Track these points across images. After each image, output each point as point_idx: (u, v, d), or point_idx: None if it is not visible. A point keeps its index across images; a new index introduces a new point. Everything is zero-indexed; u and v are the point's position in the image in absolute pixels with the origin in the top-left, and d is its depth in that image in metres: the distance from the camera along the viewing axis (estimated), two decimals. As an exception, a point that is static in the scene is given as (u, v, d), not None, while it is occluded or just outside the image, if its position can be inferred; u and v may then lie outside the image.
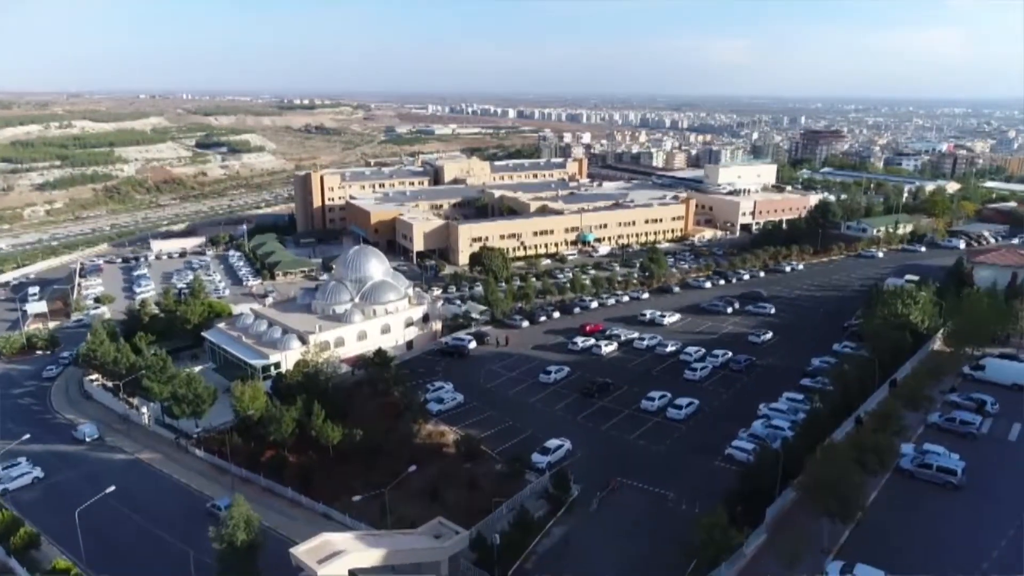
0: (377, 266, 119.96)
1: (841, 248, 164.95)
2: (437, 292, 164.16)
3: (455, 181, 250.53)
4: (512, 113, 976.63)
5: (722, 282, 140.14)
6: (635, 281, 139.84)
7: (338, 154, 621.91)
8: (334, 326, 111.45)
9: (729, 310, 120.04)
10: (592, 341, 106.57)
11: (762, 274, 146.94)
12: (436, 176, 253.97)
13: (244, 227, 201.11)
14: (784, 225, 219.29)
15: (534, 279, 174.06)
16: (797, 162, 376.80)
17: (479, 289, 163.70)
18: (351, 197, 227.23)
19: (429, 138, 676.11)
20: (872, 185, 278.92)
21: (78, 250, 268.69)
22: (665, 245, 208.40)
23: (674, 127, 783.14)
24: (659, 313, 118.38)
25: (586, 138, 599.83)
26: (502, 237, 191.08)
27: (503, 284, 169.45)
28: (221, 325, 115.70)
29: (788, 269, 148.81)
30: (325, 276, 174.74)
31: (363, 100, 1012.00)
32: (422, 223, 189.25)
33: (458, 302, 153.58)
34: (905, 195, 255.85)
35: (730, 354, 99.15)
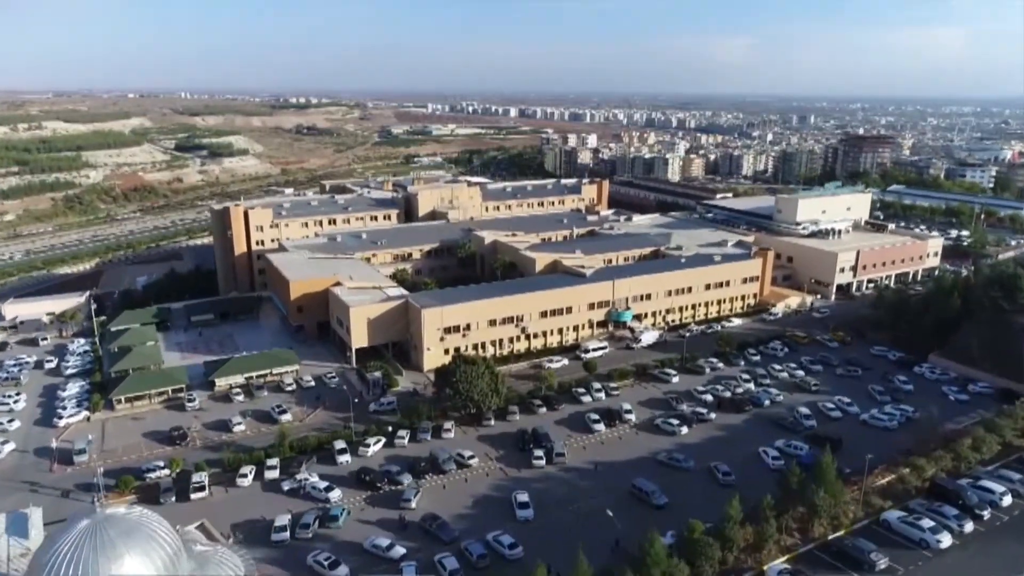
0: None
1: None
2: (375, 447, 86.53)
3: (433, 215, 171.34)
4: (513, 112, 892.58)
5: (969, 526, 58.38)
6: (776, 538, 56.99)
7: (329, 156, 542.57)
8: None
9: None
10: None
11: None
12: (408, 207, 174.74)
13: (92, 305, 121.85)
14: (904, 285, 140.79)
15: (541, 407, 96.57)
16: (851, 176, 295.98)
17: (444, 450, 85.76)
18: (278, 246, 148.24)
19: (426, 139, 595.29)
20: (980, 213, 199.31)
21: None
22: (735, 322, 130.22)
23: (681, 127, 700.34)
24: None
25: (592, 140, 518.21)
26: (492, 323, 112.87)
27: (491, 421, 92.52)
28: None
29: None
30: (195, 404, 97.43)
31: (362, 98, 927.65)
32: (365, 304, 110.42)
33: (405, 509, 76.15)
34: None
35: None
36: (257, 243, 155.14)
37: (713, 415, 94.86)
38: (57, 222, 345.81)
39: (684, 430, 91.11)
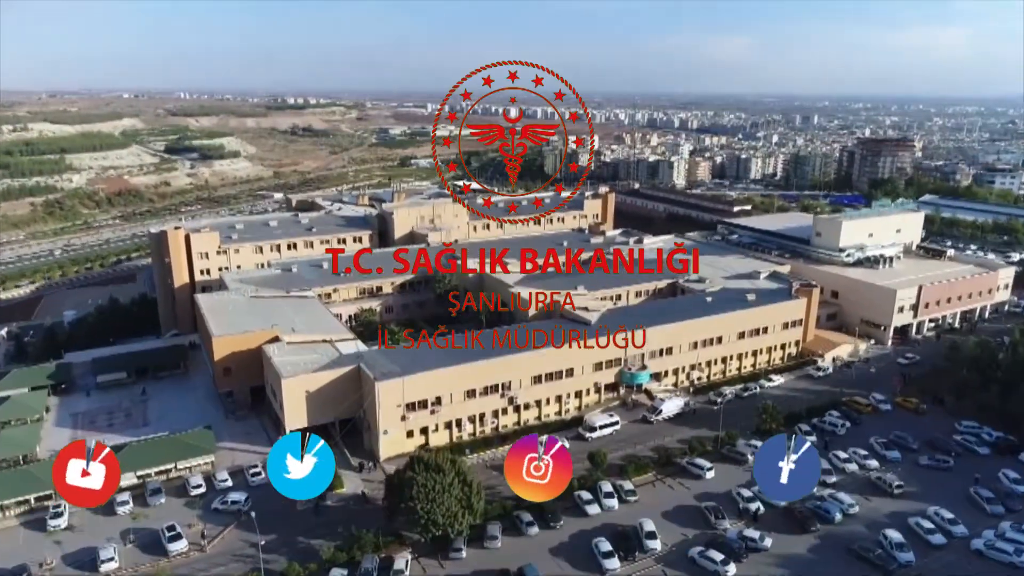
0: None
1: None
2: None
3: (411, 238, 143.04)
4: (514, 112, 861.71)
5: None
6: None
7: (324, 159, 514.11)
8: None
9: None
10: None
11: None
12: (383, 227, 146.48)
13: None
14: (971, 325, 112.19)
15: (531, 524, 68.70)
16: (876, 184, 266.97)
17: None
18: (220, 280, 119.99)
19: (424, 140, 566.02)
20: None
21: None
22: (776, 380, 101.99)
23: (684, 127, 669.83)
24: None
25: (594, 141, 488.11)
26: (470, 395, 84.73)
27: (461, 552, 64.96)
28: None
29: None
30: (61, 521, 69.62)
31: (360, 98, 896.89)
32: (303, 372, 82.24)
33: None
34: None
35: None
36: (202, 272, 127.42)
37: (768, 541, 66.79)
38: (32, 229, 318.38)
39: (731, 570, 63.16)
